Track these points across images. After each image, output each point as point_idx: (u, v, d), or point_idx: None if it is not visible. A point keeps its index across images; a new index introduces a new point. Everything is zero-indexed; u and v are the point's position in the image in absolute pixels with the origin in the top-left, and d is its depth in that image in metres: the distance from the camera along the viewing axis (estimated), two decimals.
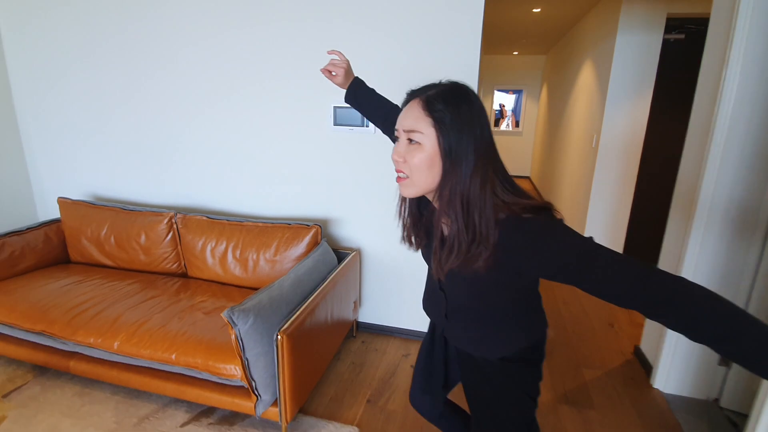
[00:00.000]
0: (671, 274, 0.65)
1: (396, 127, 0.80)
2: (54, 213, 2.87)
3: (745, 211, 1.73)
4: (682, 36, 3.22)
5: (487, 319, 0.92)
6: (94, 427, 1.68)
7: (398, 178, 0.81)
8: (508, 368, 0.95)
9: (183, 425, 1.70)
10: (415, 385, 1.22)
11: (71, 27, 2.45)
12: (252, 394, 1.51)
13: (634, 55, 3.22)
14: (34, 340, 1.86)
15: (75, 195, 2.79)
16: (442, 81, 0.80)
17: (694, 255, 1.82)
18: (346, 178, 2.26)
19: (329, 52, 1.24)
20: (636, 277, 0.65)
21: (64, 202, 2.50)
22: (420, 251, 0.97)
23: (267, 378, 1.51)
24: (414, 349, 2.30)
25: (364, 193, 2.25)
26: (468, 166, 0.73)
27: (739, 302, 1.80)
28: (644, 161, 3.38)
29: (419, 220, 0.91)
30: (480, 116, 0.76)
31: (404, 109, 0.80)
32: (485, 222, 0.72)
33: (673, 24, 3.18)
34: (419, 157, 0.75)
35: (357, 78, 1.25)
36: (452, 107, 0.73)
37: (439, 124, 0.74)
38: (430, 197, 0.84)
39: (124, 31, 2.37)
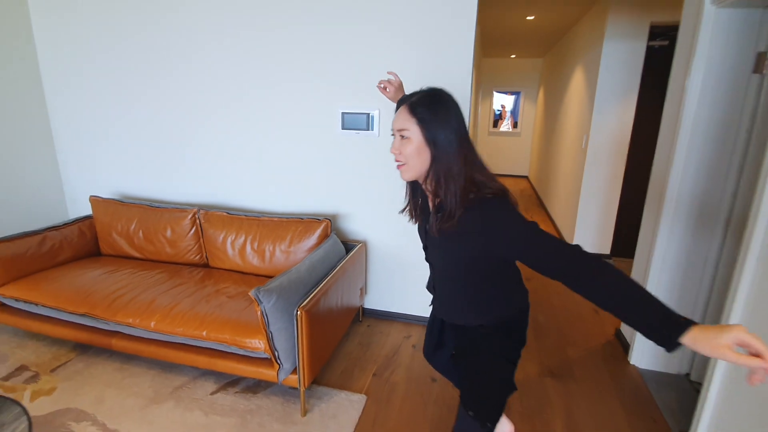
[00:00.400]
0: (593, 256, 0.85)
1: (391, 128, 1.05)
2: (82, 210, 3.11)
3: (707, 205, 1.95)
4: (666, 42, 3.44)
5: (466, 290, 1.14)
6: (135, 396, 1.92)
7: (398, 166, 1.05)
8: (487, 335, 1.16)
9: (213, 393, 1.94)
10: (427, 342, 1.47)
11: (100, 36, 2.70)
12: (275, 363, 1.75)
13: (620, 61, 3.45)
14: (78, 322, 2.10)
15: (102, 194, 3.03)
16: (423, 88, 1.06)
17: (663, 245, 2.04)
18: (353, 177, 2.49)
19: (388, 73, 1.58)
20: (568, 258, 0.86)
21: (95, 200, 2.75)
22: (418, 231, 1.21)
23: (288, 349, 1.75)
24: (415, 332, 2.53)
25: (369, 190, 2.48)
26: (447, 151, 0.97)
27: (703, 288, 2.03)
28: (630, 161, 3.61)
29: (416, 201, 1.17)
30: (453, 113, 1.00)
31: (396, 114, 1.05)
32: (458, 193, 0.96)
33: (657, 31, 3.40)
34: (410, 148, 1.00)
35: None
36: (430, 109, 0.98)
37: (421, 122, 0.98)
38: (421, 181, 1.08)
39: (148, 40, 2.61)
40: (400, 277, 2.58)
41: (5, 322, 2.25)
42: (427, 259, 1.24)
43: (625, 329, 2.44)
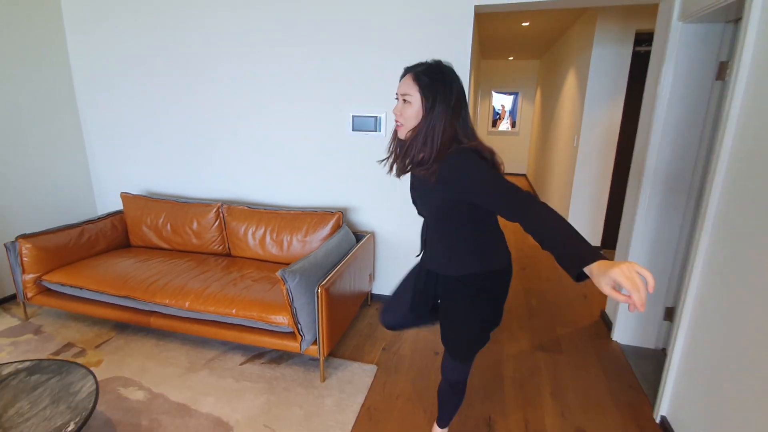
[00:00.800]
0: (531, 195, 1.00)
1: (396, 92, 1.21)
2: (111, 206, 3.37)
3: (678, 180, 2.18)
4: (650, 48, 3.68)
5: (444, 238, 1.31)
6: (173, 366, 2.17)
7: (397, 126, 1.22)
8: (468, 287, 1.31)
9: (241, 364, 2.19)
10: (386, 307, 1.60)
11: (128, 42, 2.96)
12: (297, 335, 2.01)
13: (608, 65, 3.70)
14: (119, 303, 2.36)
15: (130, 190, 3.29)
16: (428, 60, 1.19)
17: (642, 215, 2.27)
18: (362, 174, 2.75)
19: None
20: (513, 198, 1.01)
21: (126, 196, 3.01)
22: (410, 188, 1.38)
23: (309, 323, 2.00)
24: None
25: (377, 186, 2.74)
26: (437, 116, 1.13)
27: (677, 252, 2.25)
28: (618, 159, 3.85)
29: (400, 155, 1.29)
30: (453, 85, 1.14)
31: (401, 80, 1.19)
32: (435, 148, 1.14)
33: (641, 38, 3.65)
34: (410, 111, 1.16)
35: None
36: (432, 79, 1.14)
37: (422, 89, 1.14)
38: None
39: (175, 51, 2.87)
40: (405, 264, 2.84)
41: (50, 305, 2.51)
42: (419, 213, 1.40)
43: (610, 310, 2.69)
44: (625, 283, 0.77)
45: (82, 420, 1.45)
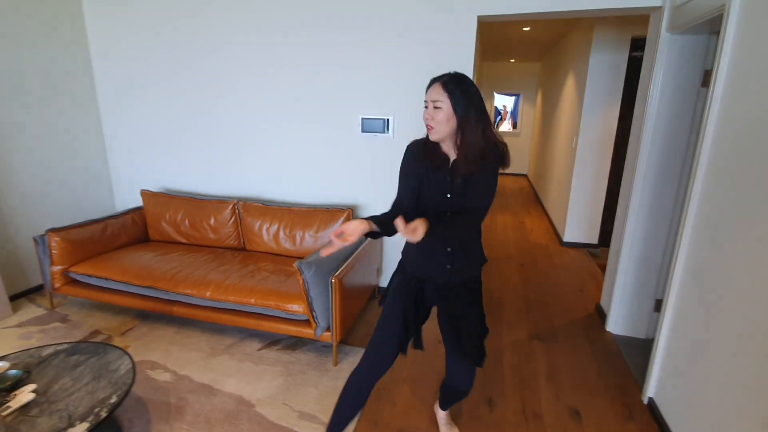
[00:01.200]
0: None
1: (425, 99, 1.33)
2: (129, 203, 3.54)
3: (666, 181, 2.34)
4: None
5: (472, 242, 1.46)
6: (196, 351, 2.34)
7: (428, 129, 1.33)
8: (476, 283, 1.50)
9: (259, 350, 2.36)
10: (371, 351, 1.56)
11: (150, 46, 3.12)
12: (312, 322, 2.17)
13: (605, 70, 3.85)
14: (143, 293, 2.52)
15: (149, 187, 3.45)
16: (450, 72, 1.33)
17: (634, 213, 2.42)
18: (371, 173, 2.91)
19: (339, 239, 1.24)
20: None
21: (146, 193, 3.17)
22: (430, 189, 1.41)
23: (323, 311, 2.16)
24: None
25: (385, 184, 2.90)
26: (470, 119, 1.27)
27: (666, 247, 2.40)
28: (615, 160, 4.00)
29: (428, 155, 1.40)
30: (475, 92, 1.29)
31: (430, 88, 1.31)
32: (477, 142, 1.29)
33: (638, 44, 3.80)
34: (440, 116, 1.28)
35: (368, 222, 1.30)
36: (458, 86, 1.27)
37: (452, 96, 1.26)
38: (444, 145, 1.36)
39: (196, 52, 3.03)
40: None
41: (77, 295, 2.67)
42: (435, 204, 1.40)
43: (605, 303, 2.85)
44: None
45: (124, 393, 1.61)
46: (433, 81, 1.34)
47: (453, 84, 1.28)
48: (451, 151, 1.38)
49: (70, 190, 3.25)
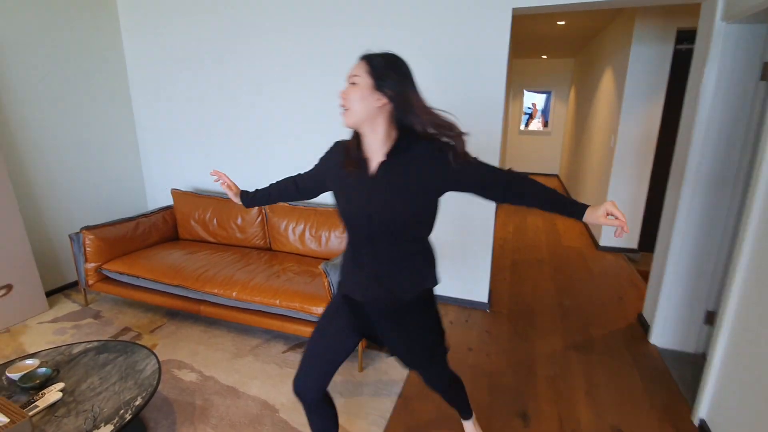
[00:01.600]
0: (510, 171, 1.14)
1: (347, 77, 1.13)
2: (160, 201, 3.60)
3: (722, 180, 2.14)
4: (692, 46, 3.58)
5: (413, 257, 1.23)
6: (222, 351, 2.33)
7: (342, 112, 1.13)
8: (425, 303, 1.28)
9: (284, 352, 2.32)
10: (303, 369, 1.29)
11: (183, 49, 3.15)
12: None
13: (647, 64, 3.62)
14: (172, 292, 2.54)
15: (179, 187, 3.50)
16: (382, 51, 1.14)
17: (684, 215, 2.23)
18: None
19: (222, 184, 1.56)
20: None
21: (176, 193, 3.21)
22: (345, 187, 1.24)
23: None
24: (448, 310, 2.84)
25: None
26: (402, 96, 1.09)
27: (720, 254, 2.20)
28: (657, 161, 3.77)
29: (355, 155, 1.21)
30: (403, 70, 1.11)
31: (354, 66, 1.12)
32: (424, 124, 1.11)
33: (684, 36, 3.56)
34: (354, 93, 1.09)
35: (242, 191, 1.53)
36: (383, 62, 1.10)
37: (372, 71, 1.08)
38: (364, 131, 1.15)
39: (227, 57, 3.04)
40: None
41: (109, 292, 2.72)
42: (352, 218, 1.20)
43: (647, 313, 2.67)
44: (614, 209, 1.04)
45: (149, 395, 1.59)
46: (360, 58, 1.14)
47: (377, 59, 1.11)
48: (377, 150, 1.15)
49: (105, 189, 3.32)
